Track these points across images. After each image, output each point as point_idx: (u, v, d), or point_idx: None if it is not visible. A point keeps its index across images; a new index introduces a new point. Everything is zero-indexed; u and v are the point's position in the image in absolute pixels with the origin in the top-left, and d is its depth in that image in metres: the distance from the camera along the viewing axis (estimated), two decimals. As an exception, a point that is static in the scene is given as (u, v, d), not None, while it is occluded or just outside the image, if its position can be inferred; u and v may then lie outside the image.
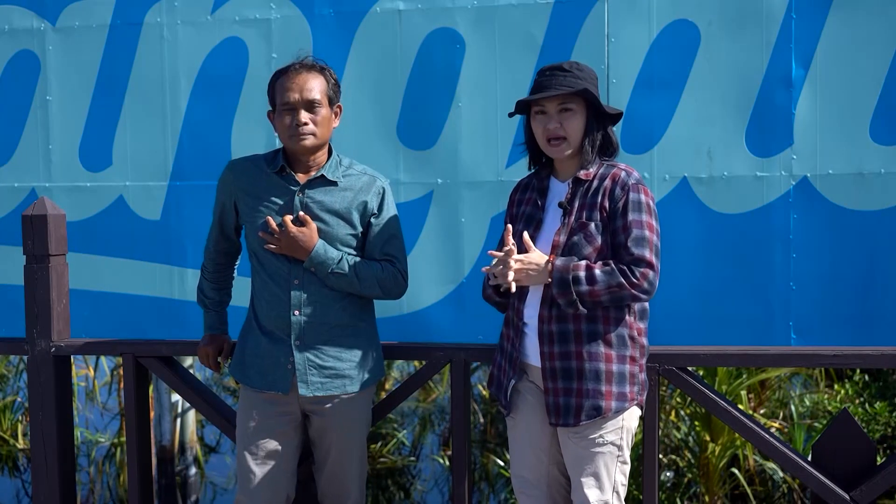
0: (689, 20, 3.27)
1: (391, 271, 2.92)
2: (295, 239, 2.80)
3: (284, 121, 2.82)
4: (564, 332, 2.65)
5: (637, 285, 2.57)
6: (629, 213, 2.61)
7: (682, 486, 5.73)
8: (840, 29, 3.19)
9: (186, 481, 6.93)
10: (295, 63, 2.85)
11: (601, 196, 2.64)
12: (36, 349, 3.46)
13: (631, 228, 2.60)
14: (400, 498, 6.54)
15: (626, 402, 2.67)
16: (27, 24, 3.70)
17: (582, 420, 2.64)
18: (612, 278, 2.56)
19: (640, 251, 2.59)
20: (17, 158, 3.74)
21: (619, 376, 2.66)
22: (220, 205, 2.99)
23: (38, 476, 3.52)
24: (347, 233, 2.89)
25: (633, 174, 2.67)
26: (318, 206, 2.86)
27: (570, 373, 2.65)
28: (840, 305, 3.24)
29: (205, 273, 3.11)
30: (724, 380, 5.72)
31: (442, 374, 7.83)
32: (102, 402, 8.10)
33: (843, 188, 3.22)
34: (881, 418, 5.98)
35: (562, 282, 2.58)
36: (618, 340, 2.66)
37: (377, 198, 2.93)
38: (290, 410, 2.92)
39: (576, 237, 2.63)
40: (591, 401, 2.64)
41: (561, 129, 2.67)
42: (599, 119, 2.70)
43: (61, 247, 3.48)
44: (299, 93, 2.80)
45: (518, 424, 2.84)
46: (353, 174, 2.93)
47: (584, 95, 2.65)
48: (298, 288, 2.85)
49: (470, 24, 3.41)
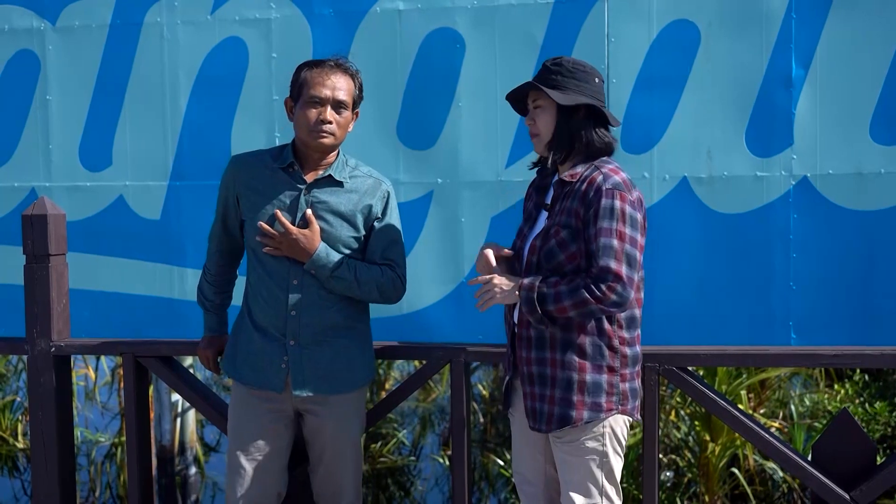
0: (689, 20, 3.27)
1: (391, 276, 2.91)
2: (297, 241, 2.79)
3: (309, 114, 2.79)
4: (540, 338, 2.63)
5: (602, 300, 2.48)
6: (598, 221, 2.51)
7: (682, 486, 5.73)
8: (840, 29, 3.19)
9: (186, 481, 6.93)
10: (331, 60, 2.84)
11: (577, 201, 2.57)
12: (36, 349, 3.46)
13: (599, 237, 2.50)
14: (400, 497, 6.54)
15: (602, 413, 2.60)
16: (27, 24, 3.69)
17: (553, 428, 2.62)
18: (577, 295, 2.49)
19: (605, 261, 2.48)
20: (17, 158, 3.74)
21: (594, 386, 2.59)
22: (224, 200, 2.97)
23: (37, 476, 3.52)
24: (350, 235, 2.88)
25: (611, 178, 2.55)
26: (323, 206, 2.85)
27: (544, 379, 2.63)
28: (840, 305, 3.24)
29: (206, 275, 3.09)
30: (724, 379, 5.72)
31: (442, 374, 7.83)
32: (102, 402, 8.10)
33: (843, 188, 3.22)
34: (881, 418, 5.98)
35: (528, 301, 2.55)
36: (593, 350, 2.59)
37: (382, 202, 2.93)
38: (282, 408, 2.91)
39: (551, 243, 2.60)
40: (561, 409, 2.60)
41: (534, 126, 2.68)
42: (570, 117, 2.62)
43: (61, 246, 3.48)
44: (332, 90, 2.79)
45: (516, 422, 2.84)
46: (359, 176, 2.92)
47: (531, 90, 2.63)
48: (297, 288, 2.84)
49: (470, 23, 3.40)
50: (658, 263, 3.24)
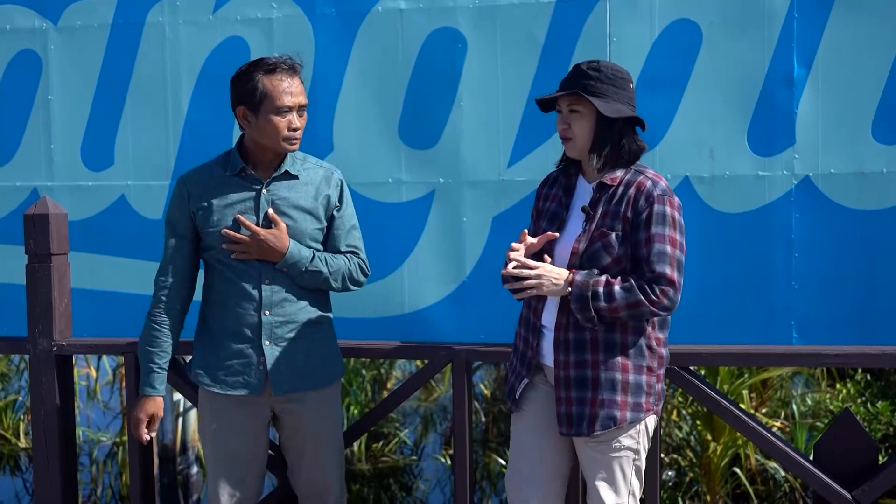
0: (690, 20, 3.27)
1: (356, 262, 2.93)
2: (265, 241, 2.77)
3: (278, 123, 2.75)
4: (580, 341, 2.61)
5: (656, 303, 2.51)
6: (652, 227, 2.54)
7: (684, 486, 5.73)
8: (842, 28, 3.18)
9: (188, 480, 6.93)
10: (282, 63, 2.77)
11: (625, 205, 2.58)
12: (38, 348, 3.46)
13: (653, 243, 2.53)
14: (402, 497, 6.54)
15: (642, 413, 2.63)
16: (29, 24, 3.70)
17: (596, 430, 2.61)
18: (632, 296, 2.51)
19: (660, 267, 2.52)
20: (18, 158, 3.74)
21: (636, 387, 2.61)
22: (176, 224, 2.86)
23: (39, 475, 3.52)
24: (315, 227, 2.88)
25: (659, 184, 2.59)
26: (284, 202, 2.83)
27: (584, 382, 2.61)
28: (842, 305, 3.24)
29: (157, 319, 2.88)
30: (725, 379, 5.71)
31: (443, 374, 7.83)
32: (104, 402, 8.09)
33: (845, 187, 3.22)
34: (883, 418, 5.97)
35: (581, 298, 2.53)
36: (635, 350, 2.61)
37: (337, 191, 2.92)
38: (260, 412, 2.90)
39: (595, 246, 2.58)
40: (607, 410, 2.60)
41: (569, 131, 2.65)
42: (612, 124, 2.61)
43: (63, 246, 3.48)
44: (294, 96, 2.76)
45: (524, 417, 2.78)
46: (311, 167, 2.91)
47: (576, 96, 2.59)
48: (269, 287, 2.82)
49: (471, 23, 3.40)
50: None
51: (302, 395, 2.89)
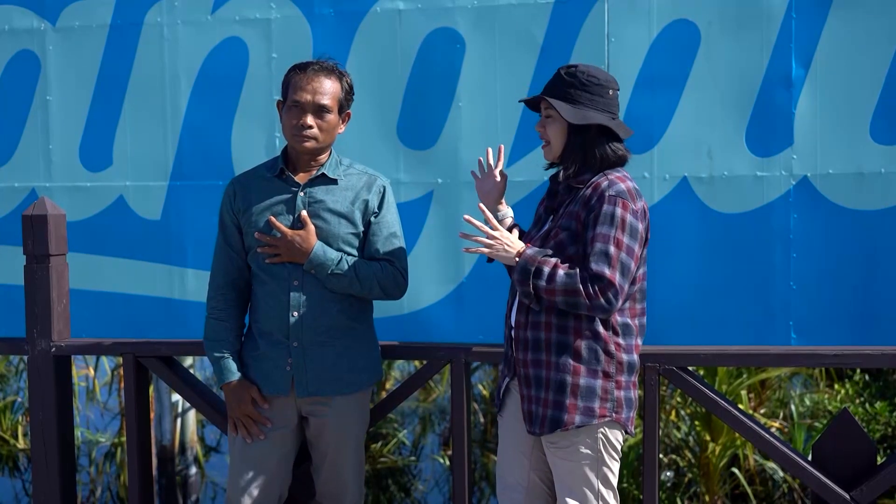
0: (689, 20, 3.27)
1: (391, 271, 2.91)
2: (292, 243, 2.80)
3: (290, 118, 2.82)
4: (536, 340, 2.62)
5: (593, 298, 2.48)
6: (598, 226, 2.51)
7: (683, 486, 5.73)
8: (840, 29, 3.19)
9: (187, 481, 6.93)
10: (314, 63, 2.84)
11: (579, 205, 2.58)
12: (36, 349, 3.46)
13: (596, 242, 2.50)
14: (400, 498, 6.54)
15: (595, 418, 2.58)
16: (27, 24, 3.69)
17: (545, 431, 2.61)
18: (571, 283, 2.48)
19: (598, 267, 2.48)
20: (17, 158, 3.74)
21: (587, 391, 2.58)
22: (225, 226, 2.93)
23: (38, 476, 3.52)
24: (349, 231, 2.88)
25: (615, 185, 2.55)
26: (319, 205, 2.86)
27: (540, 381, 2.62)
28: (840, 305, 3.24)
29: (217, 315, 2.93)
30: (724, 379, 5.72)
31: (442, 374, 7.83)
32: (103, 402, 8.10)
33: (844, 188, 3.22)
34: (881, 418, 5.98)
35: (524, 271, 2.55)
36: (588, 353, 2.58)
37: (378, 197, 2.93)
38: (287, 413, 2.91)
39: (549, 244, 2.61)
40: (553, 412, 2.59)
41: (544, 134, 2.68)
42: (584, 130, 2.60)
43: (61, 247, 3.48)
44: (311, 95, 2.79)
45: (504, 424, 2.82)
46: (354, 173, 2.93)
47: (540, 101, 2.63)
48: (298, 289, 2.84)
49: (470, 23, 3.40)
50: (658, 263, 3.23)
51: (327, 398, 2.90)
